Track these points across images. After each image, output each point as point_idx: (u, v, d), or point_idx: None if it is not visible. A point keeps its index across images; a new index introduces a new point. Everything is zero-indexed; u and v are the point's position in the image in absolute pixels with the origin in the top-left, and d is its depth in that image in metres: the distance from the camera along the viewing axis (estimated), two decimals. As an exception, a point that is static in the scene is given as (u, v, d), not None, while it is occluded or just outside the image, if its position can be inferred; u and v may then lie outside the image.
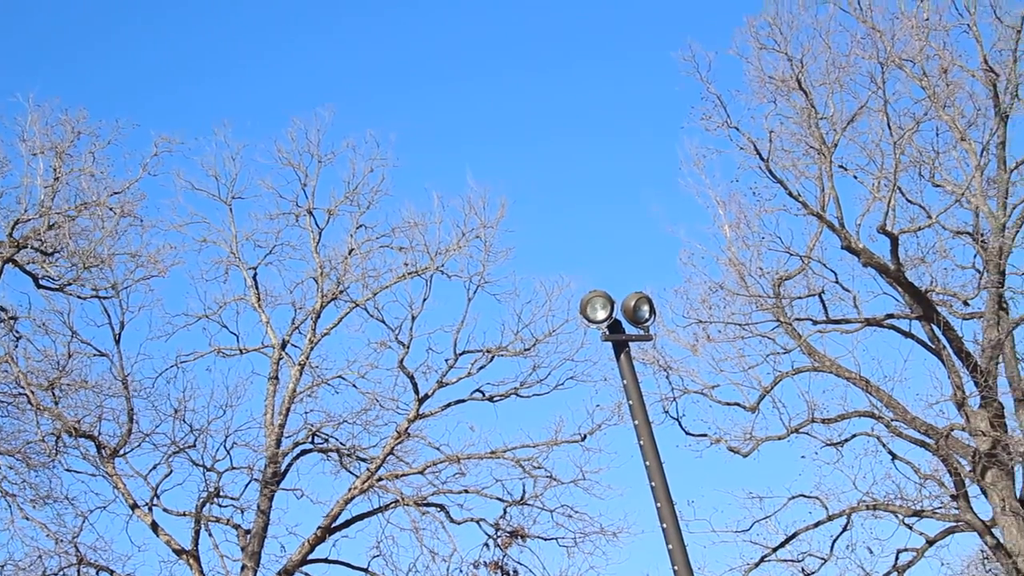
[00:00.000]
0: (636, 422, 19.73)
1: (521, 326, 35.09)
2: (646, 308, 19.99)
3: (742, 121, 32.02)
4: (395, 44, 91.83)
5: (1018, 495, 32.38)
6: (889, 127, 31.40)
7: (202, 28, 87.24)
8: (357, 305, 35.54)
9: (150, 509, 33.35)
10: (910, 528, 33.08)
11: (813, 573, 33.85)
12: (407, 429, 34.47)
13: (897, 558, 33.49)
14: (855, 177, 33.45)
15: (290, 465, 34.52)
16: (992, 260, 33.36)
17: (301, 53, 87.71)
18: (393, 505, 33.94)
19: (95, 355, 33.88)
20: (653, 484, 19.49)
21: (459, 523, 34.50)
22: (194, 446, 34.17)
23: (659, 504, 19.39)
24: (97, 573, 32.42)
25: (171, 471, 33.93)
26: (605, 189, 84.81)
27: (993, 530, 32.08)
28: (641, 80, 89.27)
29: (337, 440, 35.07)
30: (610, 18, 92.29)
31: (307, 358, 35.23)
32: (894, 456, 32.91)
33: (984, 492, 32.23)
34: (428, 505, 34.10)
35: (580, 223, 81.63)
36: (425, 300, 34.98)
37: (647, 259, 66.66)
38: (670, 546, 19.12)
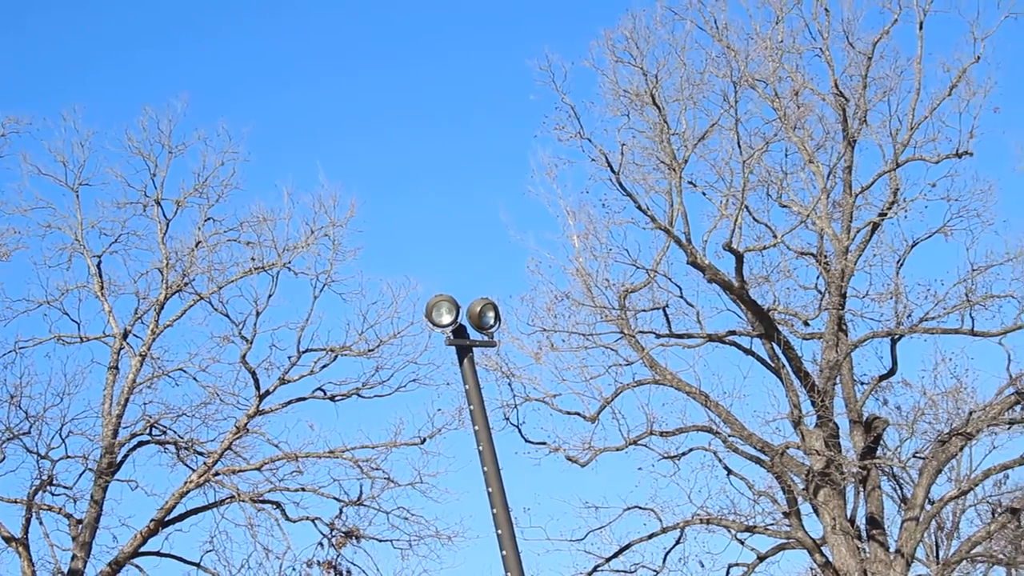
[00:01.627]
0: (476, 427, 20.06)
1: (366, 326, 35.47)
2: (491, 314, 20.30)
3: (595, 133, 32.28)
4: (257, 39, 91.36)
5: (849, 515, 33.45)
6: (739, 146, 31.92)
7: (59, 15, 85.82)
8: (202, 298, 35.61)
9: (-21, 495, 33.12)
10: (742, 543, 33.81)
11: (645, 584, 34.62)
12: (246, 425, 34.62)
13: (728, 572, 34.33)
14: (704, 194, 34.06)
15: (126, 456, 34.51)
16: (834, 282, 34.40)
17: (159, 44, 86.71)
18: (229, 500, 34.05)
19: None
20: (490, 490, 19.82)
21: (294, 521, 34.80)
22: (28, 433, 33.98)
23: (495, 510, 19.74)
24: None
25: (3, 457, 33.73)
26: (457, 194, 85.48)
27: (823, 548, 33.06)
28: (497, 87, 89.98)
29: (175, 433, 35.07)
30: (469, 25, 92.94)
31: (148, 349, 35.18)
32: (729, 471, 33.51)
33: (816, 510, 33.15)
34: (264, 502, 34.31)
35: (430, 227, 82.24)
36: (271, 296, 35.22)
37: (495, 266, 67.41)
38: (504, 552, 19.47)
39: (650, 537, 34.09)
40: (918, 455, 36.53)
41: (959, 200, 35.72)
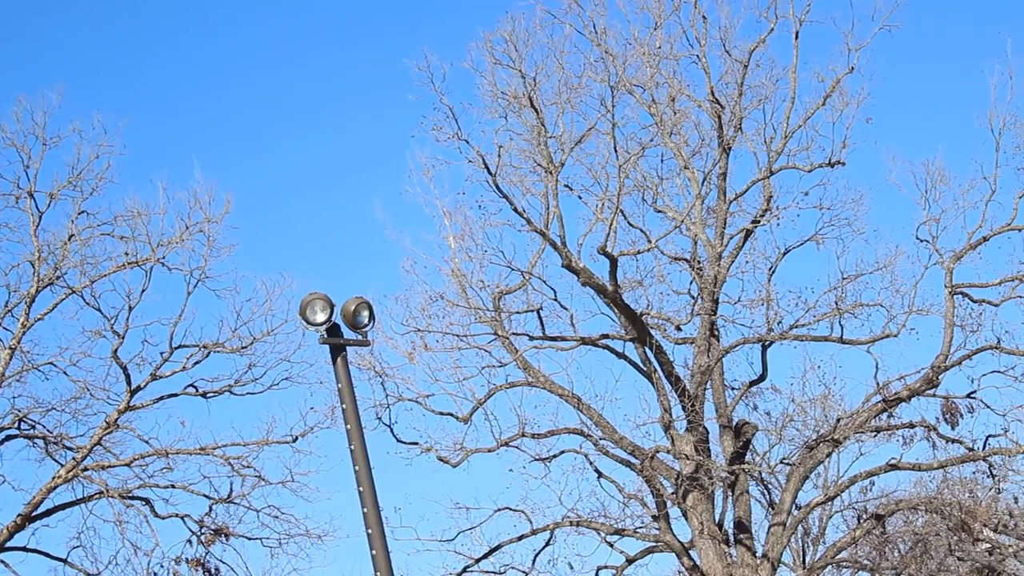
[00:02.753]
0: (348, 426, 20.26)
1: (239, 323, 35.55)
2: (366, 313, 20.50)
3: (473, 134, 32.54)
4: (135, 33, 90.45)
5: (717, 519, 34.19)
6: (616, 150, 32.44)
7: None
8: (74, 292, 35.37)
9: None
10: (611, 546, 34.35)
11: (514, 585, 35.04)
12: (116, 420, 34.53)
13: (597, 574, 34.94)
14: (580, 197, 34.70)
15: (-6, 450, 34.28)
16: (707, 288, 35.12)
17: (34, 35, 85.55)
18: (97, 496, 34.04)
19: None
20: (361, 489, 20.05)
21: (164, 518, 34.85)
22: None
23: (366, 509, 19.96)
24: None
25: None
26: (335, 192, 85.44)
27: (691, 552, 33.75)
28: (377, 86, 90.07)
29: (44, 427, 34.98)
30: (350, 23, 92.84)
31: (18, 342, 34.90)
32: (600, 474, 34.08)
33: (684, 514, 33.83)
34: (133, 498, 34.30)
35: (307, 225, 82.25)
36: (144, 291, 35.13)
37: (371, 265, 67.57)
38: (374, 552, 19.71)
39: (520, 538, 34.54)
40: (786, 461, 37.43)
41: (831, 209, 36.74)
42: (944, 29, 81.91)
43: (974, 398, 35.94)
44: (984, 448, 35.62)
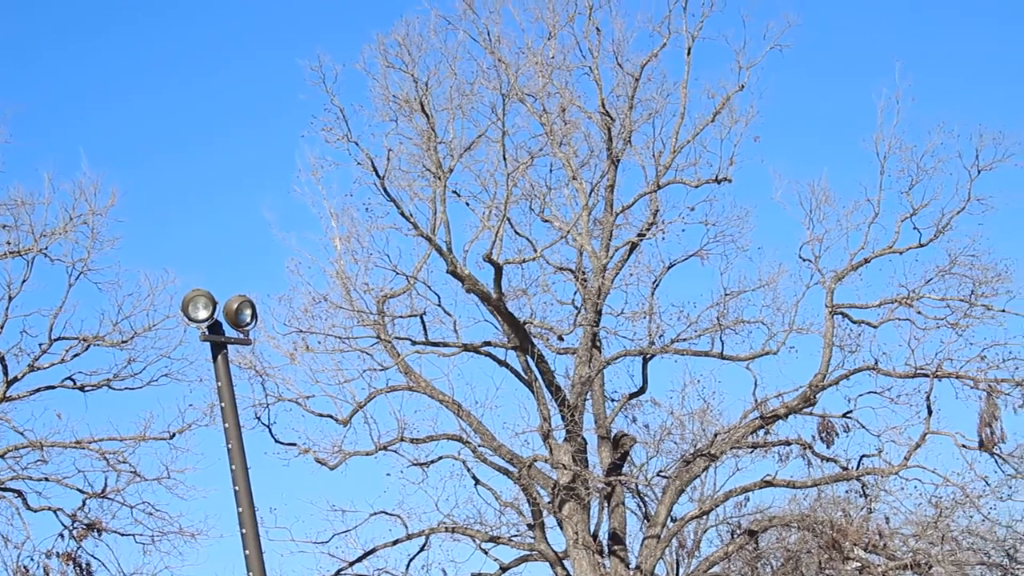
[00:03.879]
0: (226, 425, 20.52)
1: (121, 317, 35.31)
2: (248, 312, 20.75)
3: (363, 136, 32.75)
4: (24, 21, 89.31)
5: (592, 529, 34.80)
6: (505, 159, 32.85)
7: None
8: (-48, 279, 35.11)
9: None
10: (486, 553, 34.90)
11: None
12: (-8, 411, 34.35)
13: (471, 581, 35.38)
14: (467, 204, 35.00)
15: None
16: (590, 299, 35.69)
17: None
18: (-32, 486, 33.83)
19: None
20: (237, 488, 20.31)
21: (36, 511, 34.63)
22: None
23: (241, 508, 20.24)
24: None
25: None
26: (221, 190, 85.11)
27: (565, 562, 34.31)
28: (269, 84, 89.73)
29: (-83, 417, 34.61)
30: (244, 20, 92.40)
31: None
32: (477, 481, 34.54)
33: (560, 524, 34.33)
34: (5, 490, 34.09)
35: (193, 221, 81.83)
36: (24, 281, 34.73)
37: (256, 264, 67.46)
38: (247, 552, 20.01)
39: (395, 543, 34.94)
40: (662, 474, 38.11)
41: (716, 225, 37.58)
42: (834, 51, 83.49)
43: (850, 418, 36.78)
44: (858, 467, 36.55)
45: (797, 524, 37.07)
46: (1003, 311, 35.86)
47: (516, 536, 34.79)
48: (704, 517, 39.72)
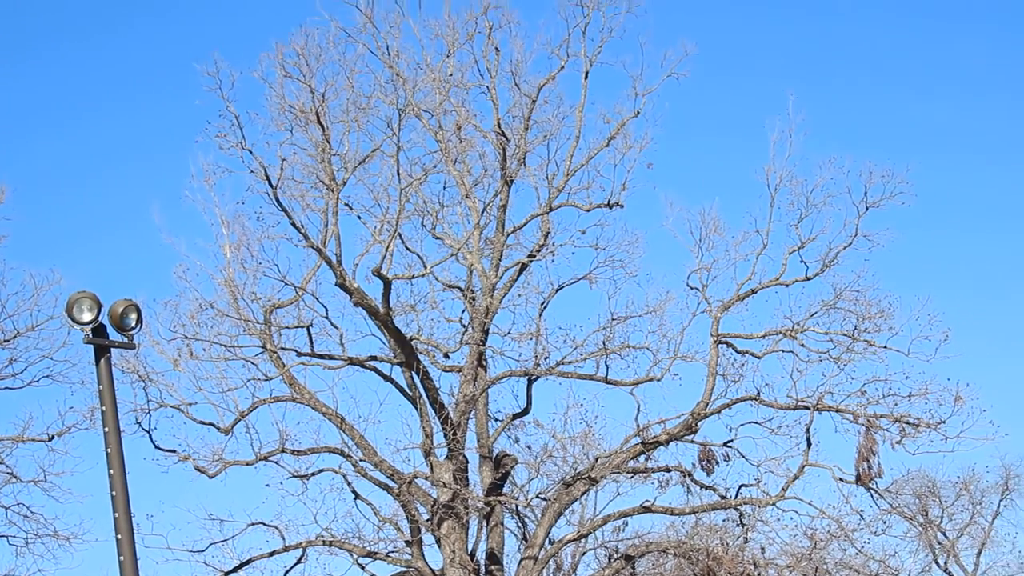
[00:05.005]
0: (107, 429, 20.69)
1: (4, 316, 35.32)
2: (133, 316, 20.96)
3: (257, 145, 32.96)
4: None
5: (470, 548, 35.11)
6: (399, 173, 33.26)
7: None
8: None
9: None
10: (363, 568, 34.90)
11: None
12: None
13: (346, 596, 35.56)
14: (359, 217, 35.44)
15: None
16: (478, 317, 36.15)
17: None
18: None
19: None
20: (114, 493, 20.53)
21: (-93, 510, 34.51)
22: None
23: (117, 514, 20.45)
24: None
25: None
26: (111, 192, 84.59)
27: (441, 579, 34.68)
28: (164, 87, 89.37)
29: None
30: (145, 21, 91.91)
31: None
32: (357, 495, 34.67)
33: (438, 542, 34.70)
34: None
35: (81, 222, 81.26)
36: (-94, 279, 34.73)
37: (144, 267, 67.12)
38: (122, 557, 20.23)
39: (272, 554, 34.95)
40: (542, 495, 38.45)
41: (606, 249, 38.07)
42: (731, 82, 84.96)
43: (730, 447, 37.42)
44: (736, 497, 37.23)
45: (674, 551, 37.63)
46: (884, 347, 36.84)
47: (393, 552, 34.98)
48: (582, 540, 40.19)
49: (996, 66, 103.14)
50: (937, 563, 63.56)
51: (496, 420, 38.17)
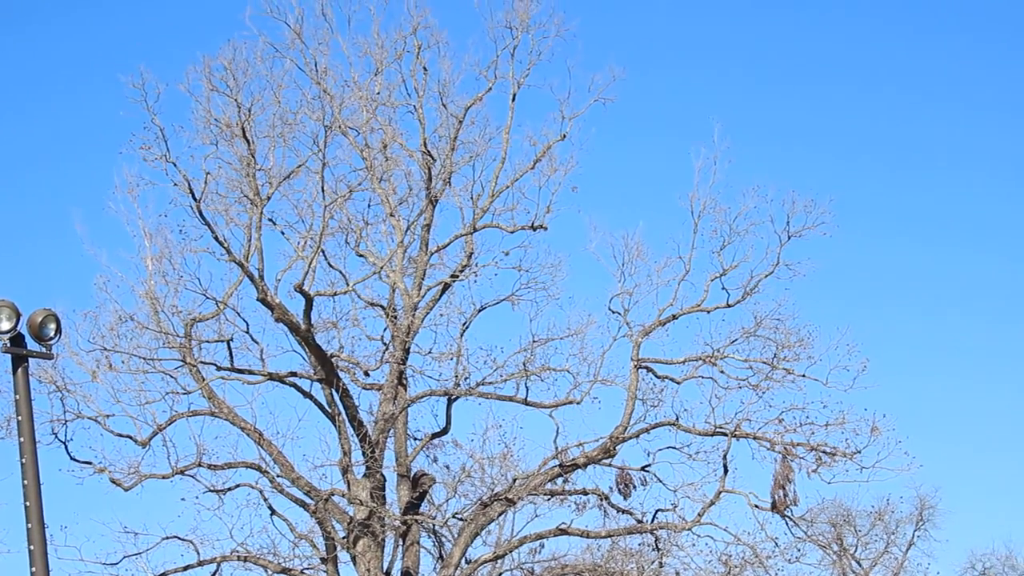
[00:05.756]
0: (22, 439, 20.90)
1: (-80, 323, 35.15)
2: (52, 326, 21.19)
3: (181, 158, 33.19)
4: None
5: (385, 567, 35.42)
6: (323, 190, 33.66)
7: None
8: None
9: None
10: (277, 584, 35.28)
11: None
12: None
13: (259, 612, 35.70)
14: (283, 233, 35.83)
15: None
16: (399, 336, 36.46)
17: None
18: None
19: None
20: (28, 504, 20.74)
21: None
22: None
23: (30, 525, 20.67)
24: None
25: None
26: (32, 199, 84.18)
27: (355, 598, 34.94)
28: (91, 96, 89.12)
29: None
30: (73, 32, 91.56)
31: None
32: (273, 511, 34.85)
33: (354, 560, 34.96)
34: None
35: (1, 229, 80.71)
36: None
37: (64, 277, 66.88)
38: (34, 569, 20.45)
39: (186, 568, 35.01)
40: (459, 516, 38.81)
41: (529, 271, 38.43)
42: (658, 108, 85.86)
43: (648, 471, 37.94)
44: (652, 521, 37.73)
45: (589, 573, 37.99)
46: (803, 376, 37.38)
47: (308, 569, 35.09)
48: (498, 561, 40.42)
49: (918, 99, 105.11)
50: (852, 592, 64.50)
51: (415, 439, 38.35)
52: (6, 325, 20.79)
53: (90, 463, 34.02)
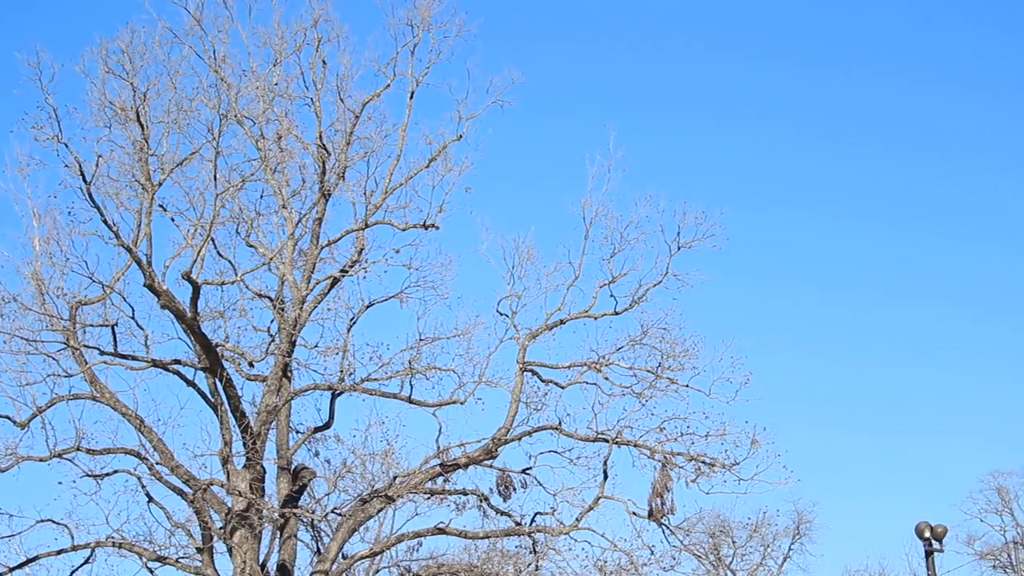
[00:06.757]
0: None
1: None
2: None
3: (74, 139, 33.37)
4: None
5: (261, 559, 35.73)
6: (216, 179, 34.12)
7: None
8: None
9: None
10: (151, 572, 35.41)
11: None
12: None
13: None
14: (173, 220, 36.07)
15: None
16: (286, 328, 36.88)
17: None
18: None
19: None
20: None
21: None
22: None
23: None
24: None
25: None
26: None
27: (229, 588, 35.24)
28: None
29: None
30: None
31: None
32: (150, 499, 35.04)
33: (230, 551, 35.30)
34: None
35: None
36: None
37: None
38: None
39: (59, 552, 35.14)
40: (337, 511, 39.10)
41: (419, 270, 39.06)
42: (555, 112, 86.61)
43: (529, 474, 38.58)
44: (531, 524, 38.35)
45: (465, 574, 38.51)
46: (687, 386, 38.25)
47: (184, 558, 35.35)
48: (376, 558, 40.89)
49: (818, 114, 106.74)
50: (727, 602, 65.67)
51: (297, 432, 38.75)
52: None
53: (-36, 445, 34.02)
